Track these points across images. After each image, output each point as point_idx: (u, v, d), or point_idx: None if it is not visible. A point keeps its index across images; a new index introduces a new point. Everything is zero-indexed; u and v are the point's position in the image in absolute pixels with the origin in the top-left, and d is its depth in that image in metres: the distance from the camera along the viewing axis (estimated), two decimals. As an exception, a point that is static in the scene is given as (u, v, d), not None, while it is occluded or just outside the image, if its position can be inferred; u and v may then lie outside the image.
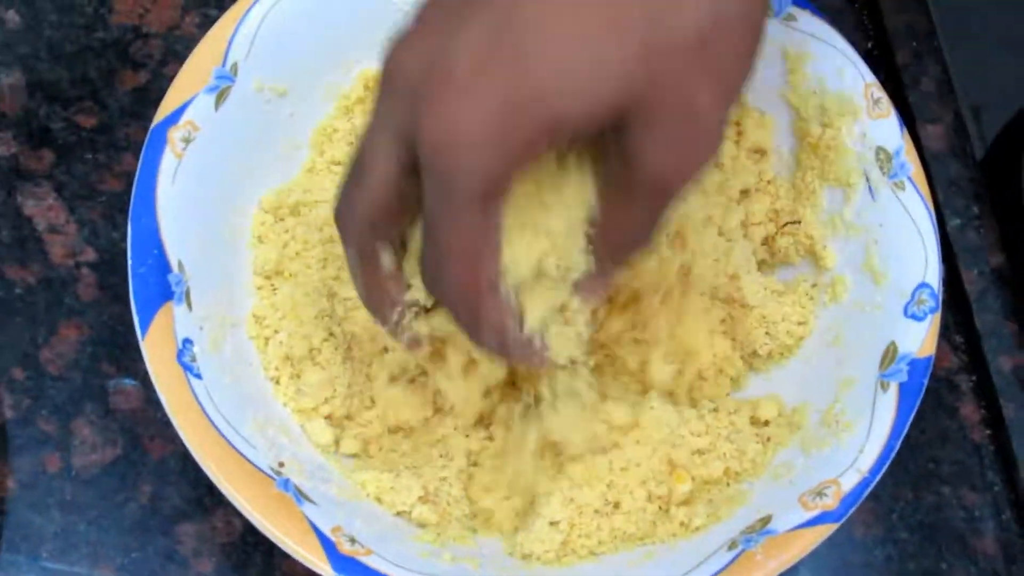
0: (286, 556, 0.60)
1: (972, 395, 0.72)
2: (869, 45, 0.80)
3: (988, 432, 0.71)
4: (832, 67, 0.67)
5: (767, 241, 0.69)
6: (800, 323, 0.67)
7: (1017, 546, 0.69)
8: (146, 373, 0.59)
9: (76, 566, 0.65)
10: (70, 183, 0.73)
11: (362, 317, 0.63)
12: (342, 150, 0.69)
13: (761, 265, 0.68)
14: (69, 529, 0.66)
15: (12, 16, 0.76)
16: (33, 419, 0.68)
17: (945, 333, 0.73)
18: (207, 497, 0.67)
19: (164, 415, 0.58)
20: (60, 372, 0.69)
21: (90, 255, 0.71)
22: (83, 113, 0.75)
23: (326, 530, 0.57)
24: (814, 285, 0.67)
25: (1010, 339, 0.71)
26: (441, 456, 0.63)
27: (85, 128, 0.74)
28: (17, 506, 0.66)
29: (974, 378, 0.72)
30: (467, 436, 0.63)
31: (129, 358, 0.69)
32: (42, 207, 0.72)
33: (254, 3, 0.66)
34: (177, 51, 0.75)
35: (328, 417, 0.63)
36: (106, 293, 0.71)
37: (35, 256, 0.71)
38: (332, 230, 0.66)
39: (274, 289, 0.65)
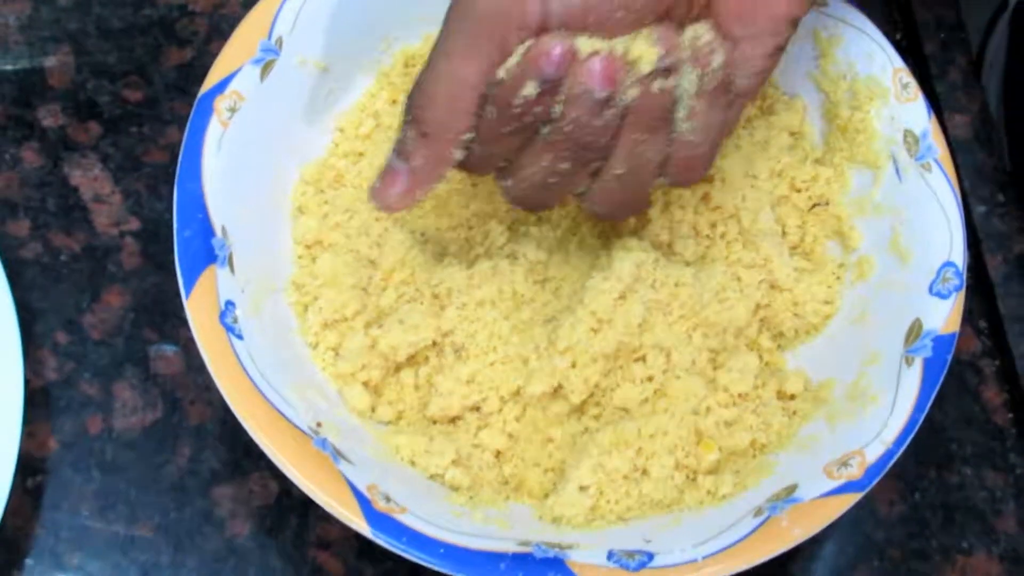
0: (320, 519, 0.62)
1: (995, 379, 0.73)
2: (898, 36, 0.81)
3: (1010, 415, 0.72)
4: (862, 51, 0.68)
5: (800, 226, 0.70)
6: (827, 302, 0.68)
7: (1038, 526, 0.70)
8: (187, 339, 0.61)
9: (114, 524, 0.67)
10: (115, 155, 0.75)
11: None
12: (381, 126, 0.71)
13: (791, 251, 0.70)
14: (108, 489, 0.68)
15: (62, -6, 0.79)
16: (76, 382, 0.70)
17: (969, 318, 0.74)
18: (244, 460, 0.68)
19: (203, 380, 0.60)
20: (103, 337, 0.71)
21: (134, 224, 0.73)
22: (129, 88, 0.77)
23: (362, 488, 0.58)
24: (841, 265, 0.68)
25: (1033, 324, 0.73)
26: (479, 428, 0.65)
27: (131, 102, 0.76)
28: (59, 465, 0.68)
29: (997, 362, 0.73)
30: (501, 408, 0.65)
31: (170, 324, 0.71)
32: (88, 177, 0.74)
33: (299, -21, 0.68)
34: (222, 29, 0.77)
35: (365, 383, 0.65)
36: (149, 262, 0.72)
37: (80, 225, 0.73)
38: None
39: (313, 258, 0.67)
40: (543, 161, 0.56)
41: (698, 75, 0.55)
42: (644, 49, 0.54)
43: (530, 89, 0.53)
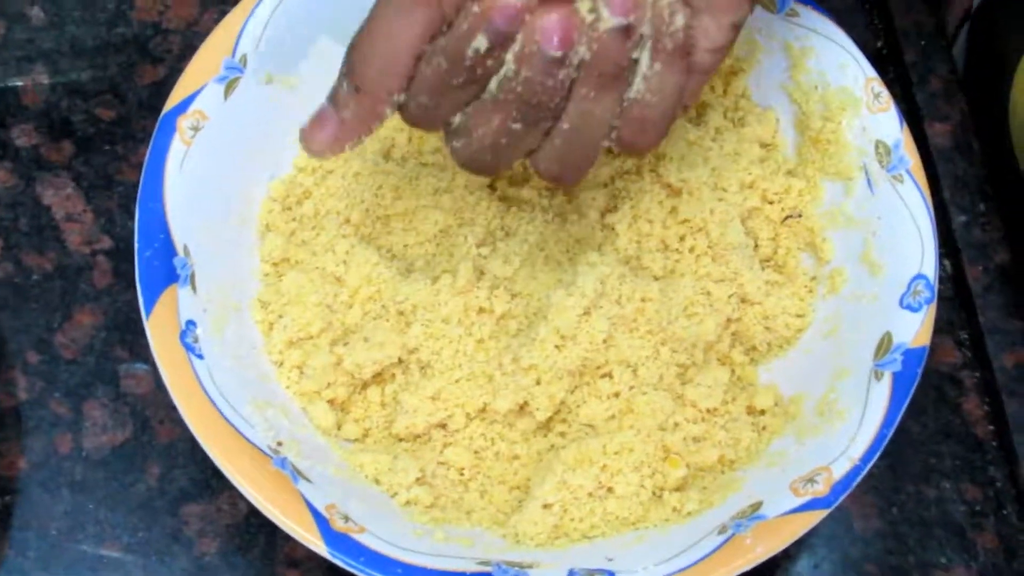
0: (288, 538, 0.62)
1: (975, 391, 0.72)
2: (879, 44, 0.80)
3: (991, 428, 0.71)
4: (834, 62, 0.68)
5: (772, 238, 0.69)
6: (799, 315, 0.67)
7: (1018, 541, 0.69)
8: (157, 358, 0.60)
9: (83, 544, 0.67)
10: (88, 173, 0.75)
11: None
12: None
13: (763, 264, 0.69)
14: (78, 508, 0.68)
15: (37, 13, 0.79)
16: (46, 401, 0.70)
17: (949, 329, 0.73)
18: (213, 480, 0.68)
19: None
20: (74, 356, 0.71)
21: (106, 243, 0.73)
22: (103, 106, 0.77)
23: (320, 507, 0.58)
24: (813, 278, 0.68)
25: (1013, 336, 0.72)
26: (444, 446, 0.64)
27: (104, 120, 0.76)
28: (28, 485, 0.68)
29: (977, 374, 0.72)
30: (467, 425, 0.64)
31: (141, 344, 0.71)
32: (60, 196, 0.74)
33: (263, -4, 0.68)
34: (195, 46, 0.75)
35: (331, 401, 0.65)
36: (120, 280, 0.72)
37: (52, 244, 0.73)
38: (338, 219, 0.68)
39: (280, 276, 0.67)
40: (494, 122, 0.55)
41: (657, 33, 0.54)
42: (602, 7, 0.52)
43: (481, 42, 0.52)
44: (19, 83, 0.77)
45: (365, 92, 0.54)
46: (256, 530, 0.67)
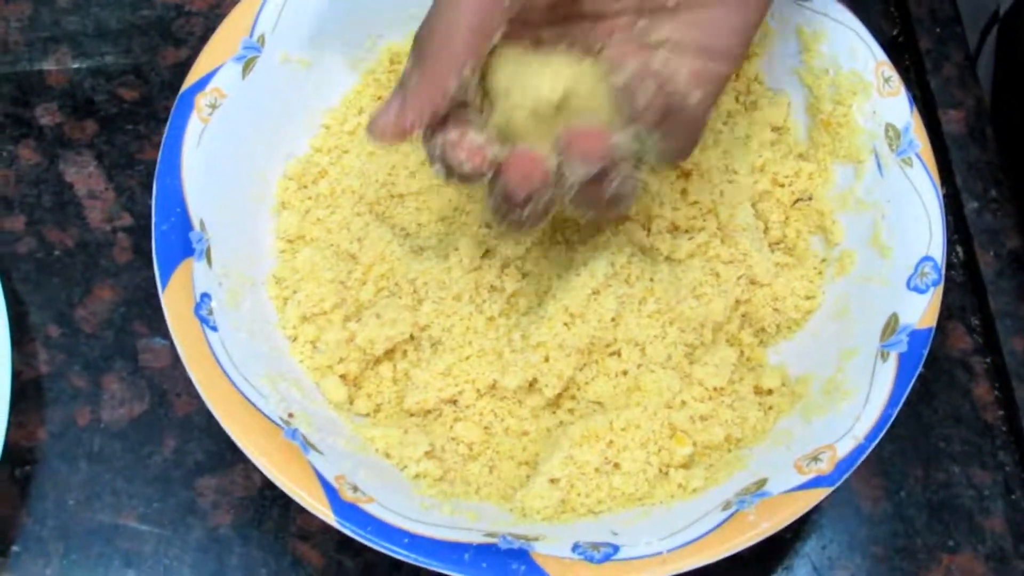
0: (301, 510, 0.63)
1: (986, 376, 0.72)
2: (894, 32, 0.80)
3: (1000, 413, 0.71)
4: (845, 46, 0.68)
5: (782, 221, 0.70)
6: (808, 297, 0.68)
7: (1025, 525, 0.69)
8: (178, 332, 0.61)
9: (100, 514, 0.68)
10: (110, 152, 0.76)
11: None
12: (366, 123, 0.71)
13: (773, 247, 0.69)
14: (95, 479, 0.69)
15: (62, -5, 0.80)
16: (66, 374, 0.71)
17: (961, 314, 0.73)
18: (228, 452, 0.69)
19: (191, 373, 0.61)
20: (93, 330, 0.72)
21: (126, 220, 0.74)
22: (126, 87, 0.78)
23: (330, 478, 0.59)
24: (823, 260, 0.68)
25: (1024, 321, 0.72)
26: (454, 421, 0.65)
27: (127, 101, 0.77)
28: (48, 455, 0.69)
29: (988, 359, 0.72)
30: (477, 401, 0.65)
31: (159, 319, 0.71)
32: (83, 174, 0.75)
33: (282, -23, 0.69)
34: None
35: (343, 376, 0.65)
36: (140, 257, 0.74)
37: (74, 220, 0.74)
38: (353, 198, 0.69)
39: (295, 253, 0.68)
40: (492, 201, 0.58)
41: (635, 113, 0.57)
42: (574, 158, 0.55)
43: (439, 169, 0.57)
44: (44, 64, 0.78)
45: (428, 62, 0.55)
46: (269, 503, 0.68)
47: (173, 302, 0.62)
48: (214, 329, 0.62)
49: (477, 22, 0.54)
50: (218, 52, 0.67)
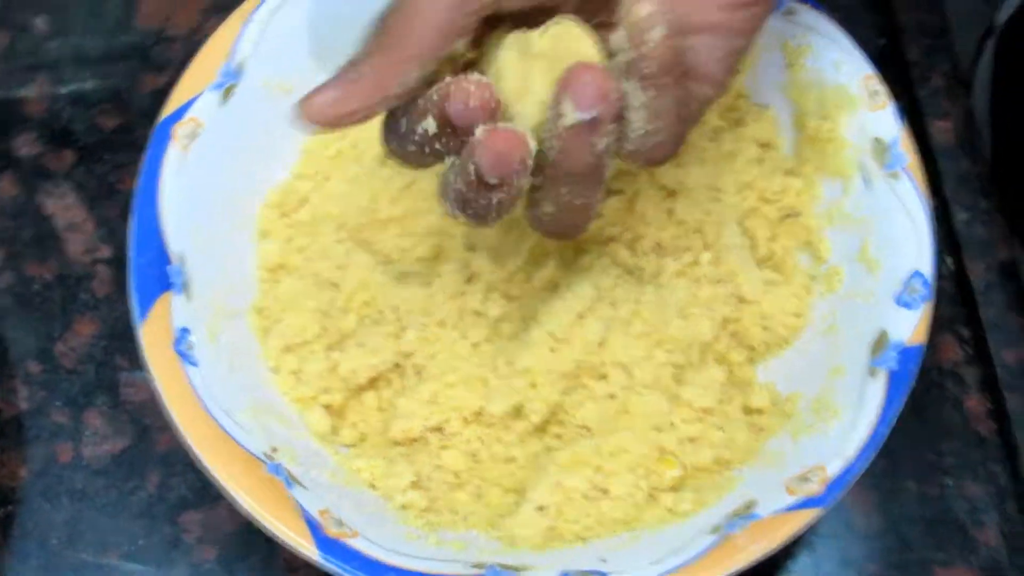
0: (287, 544, 0.62)
1: (977, 388, 0.71)
2: (881, 42, 0.80)
3: (993, 425, 0.70)
4: (830, 60, 0.67)
5: (770, 238, 0.69)
6: (796, 315, 0.67)
7: (1020, 538, 0.68)
8: (157, 365, 0.61)
9: (83, 553, 0.67)
10: (90, 182, 0.75)
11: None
12: (347, 148, 0.70)
13: (760, 264, 0.69)
14: (78, 517, 0.68)
15: (40, 23, 0.79)
16: (47, 410, 0.70)
17: (951, 326, 0.73)
18: (212, 487, 0.67)
19: (174, 407, 0.60)
20: (74, 365, 0.71)
21: (106, 252, 0.74)
22: (105, 115, 0.77)
23: (313, 513, 0.58)
24: (812, 276, 0.67)
25: (1015, 332, 0.71)
26: (440, 449, 0.64)
27: (106, 129, 0.77)
28: (29, 494, 0.68)
29: (979, 371, 0.72)
30: (463, 428, 0.64)
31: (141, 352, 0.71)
32: (61, 205, 0.75)
33: (261, 3, 0.68)
34: (197, 54, 0.78)
35: (327, 407, 0.65)
36: (120, 289, 0.72)
37: (53, 253, 0.74)
38: (335, 225, 0.68)
39: (276, 282, 0.67)
40: (460, 185, 0.52)
41: (639, 57, 0.51)
42: (566, 101, 0.50)
43: (429, 124, 0.51)
44: (23, 93, 0.77)
45: (394, 50, 0.50)
46: (255, 537, 0.67)
47: (152, 338, 0.61)
48: (194, 364, 0.61)
49: (453, 15, 0.50)
50: (196, 80, 0.66)
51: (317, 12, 0.69)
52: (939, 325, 0.72)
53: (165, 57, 0.79)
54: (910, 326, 0.62)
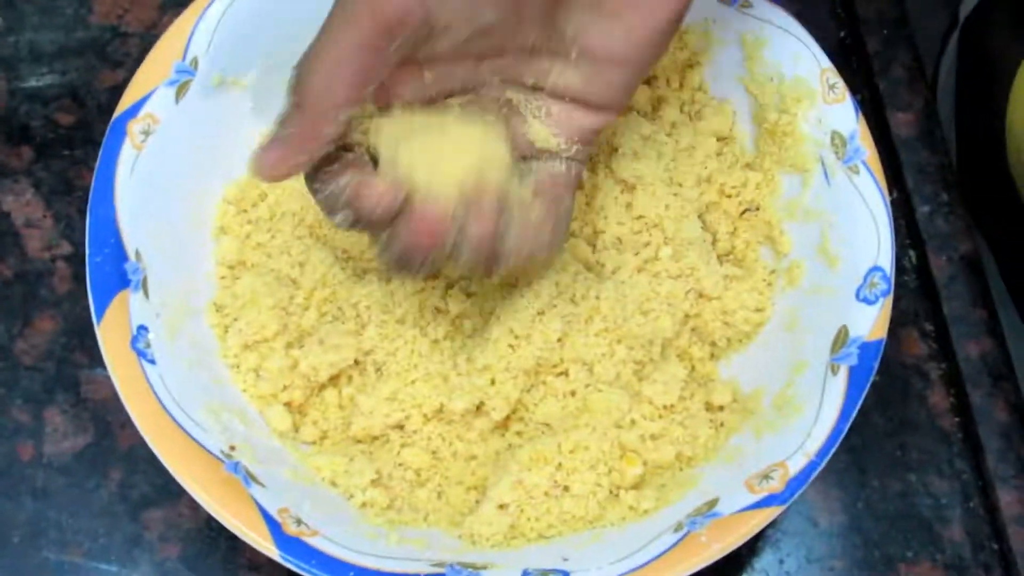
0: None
1: (941, 383, 0.71)
2: (842, 34, 0.79)
3: (956, 419, 0.71)
4: (788, 53, 0.67)
5: (731, 232, 0.69)
6: (758, 310, 0.67)
7: (984, 533, 0.68)
8: (118, 363, 0.60)
9: (45, 551, 0.67)
10: (47, 179, 0.75)
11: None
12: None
13: (721, 259, 0.69)
14: (40, 516, 0.68)
15: (-6, 19, 0.79)
16: (7, 408, 0.70)
17: (915, 320, 0.73)
18: (174, 484, 0.66)
19: (135, 404, 0.60)
20: (34, 362, 0.71)
21: (65, 248, 0.73)
22: (62, 111, 0.76)
23: (272, 511, 0.58)
24: (772, 271, 0.67)
25: (978, 326, 0.71)
26: (401, 447, 0.64)
27: (63, 126, 0.76)
28: (-10, 493, 0.68)
29: (943, 366, 0.72)
30: (424, 426, 0.64)
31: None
32: (20, 202, 0.74)
33: (214, -1, 0.67)
34: (154, 49, 0.77)
35: (287, 404, 0.64)
36: (80, 285, 0.72)
37: (11, 250, 0.73)
38: (293, 221, 0.68)
39: (235, 279, 0.67)
40: (385, 257, 0.57)
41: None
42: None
43: (346, 218, 0.55)
44: (-22, 89, 0.77)
45: (305, 107, 0.53)
46: (217, 534, 0.67)
47: (109, 335, 0.61)
48: (152, 362, 0.60)
49: (359, 67, 0.52)
50: (150, 77, 0.66)
51: (269, 7, 0.68)
52: (902, 320, 0.72)
53: (121, 53, 0.78)
54: (870, 321, 0.62)
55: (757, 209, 0.68)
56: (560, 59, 0.57)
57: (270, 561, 0.64)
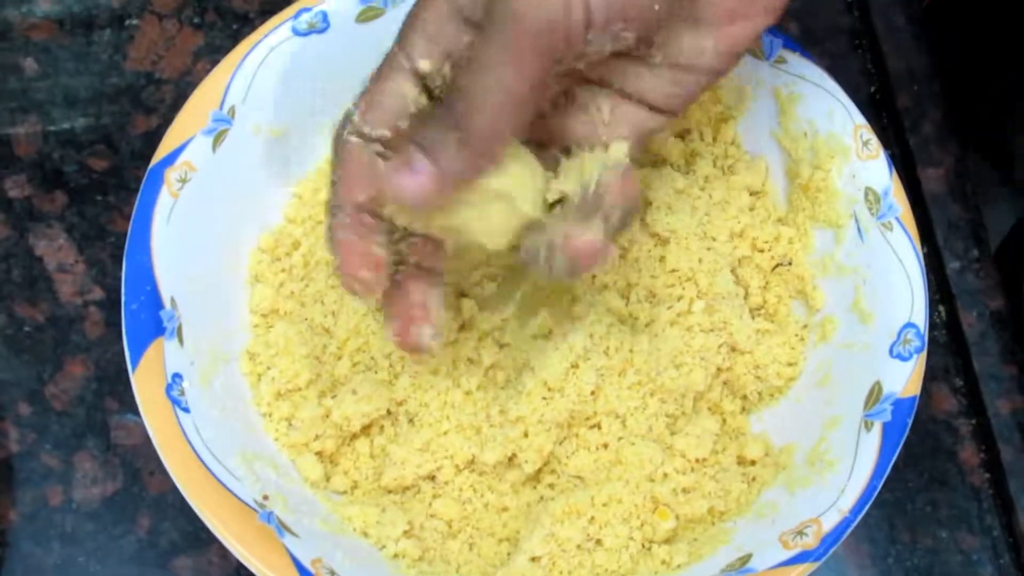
0: (278, 590, 0.61)
1: (971, 438, 0.71)
2: (872, 89, 0.80)
3: (987, 475, 0.70)
4: (822, 109, 0.67)
5: (763, 287, 0.69)
6: (790, 364, 0.67)
7: (1014, 590, 0.68)
8: (147, 408, 0.60)
9: (73, 597, 0.67)
10: (80, 224, 0.75)
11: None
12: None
13: (753, 313, 0.69)
14: (68, 561, 0.67)
15: (30, 64, 0.79)
16: (37, 453, 0.70)
17: (945, 376, 0.73)
18: (203, 532, 0.67)
19: (165, 450, 0.60)
20: (65, 407, 0.71)
21: (97, 294, 0.73)
22: (95, 156, 0.77)
23: (306, 562, 0.58)
24: (804, 326, 0.67)
25: (1009, 382, 0.71)
26: (433, 498, 0.64)
27: (97, 171, 0.76)
28: (19, 538, 0.68)
29: (973, 421, 0.72)
30: (456, 477, 0.64)
31: (131, 395, 0.69)
32: (52, 247, 0.74)
33: (252, 48, 0.68)
34: (188, 96, 0.76)
35: (319, 454, 0.64)
36: (112, 331, 0.72)
37: (44, 295, 0.73)
38: (327, 270, 0.68)
39: (268, 327, 0.67)
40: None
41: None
42: None
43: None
44: (13, 134, 0.77)
45: (472, 144, 0.51)
46: (246, 583, 0.67)
47: (144, 383, 0.61)
48: (186, 411, 0.61)
49: (532, 108, 0.52)
50: (188, 125, 0.66)
51: (306, 58, 0.69)
52: (932, 375, 0.72)
53: (155, 99, 0.78)
54: (904, 378, 0.62)
55: (790, 264, 0.68)
56: (637, 61, 0.57)
57: (299, 610, 0.65)
